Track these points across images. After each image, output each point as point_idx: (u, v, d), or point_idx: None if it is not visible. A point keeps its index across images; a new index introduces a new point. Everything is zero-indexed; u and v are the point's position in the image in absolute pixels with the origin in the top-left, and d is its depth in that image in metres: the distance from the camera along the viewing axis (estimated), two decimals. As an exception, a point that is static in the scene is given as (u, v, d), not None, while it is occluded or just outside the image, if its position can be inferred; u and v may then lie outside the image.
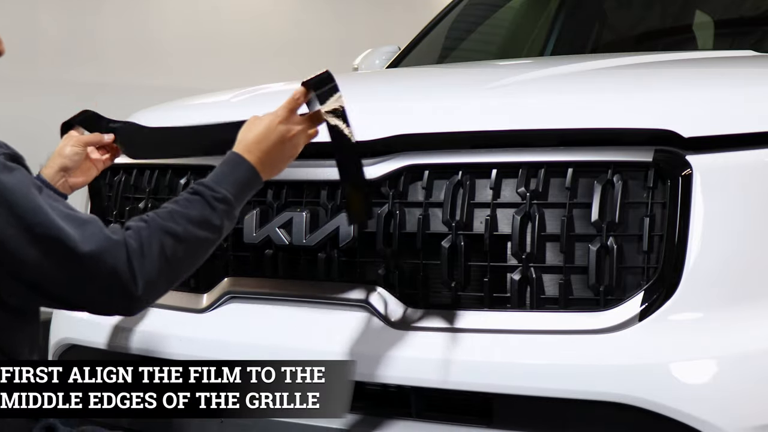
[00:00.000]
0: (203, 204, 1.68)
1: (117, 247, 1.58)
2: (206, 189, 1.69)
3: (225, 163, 1.74)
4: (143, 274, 1.60)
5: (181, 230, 1.64)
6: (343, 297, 1.94)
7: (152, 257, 1.60)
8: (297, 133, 1.80)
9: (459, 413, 1.82)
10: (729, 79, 2.05)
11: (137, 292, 1.60)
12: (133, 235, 1.60)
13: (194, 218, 1.66)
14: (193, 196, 1.68)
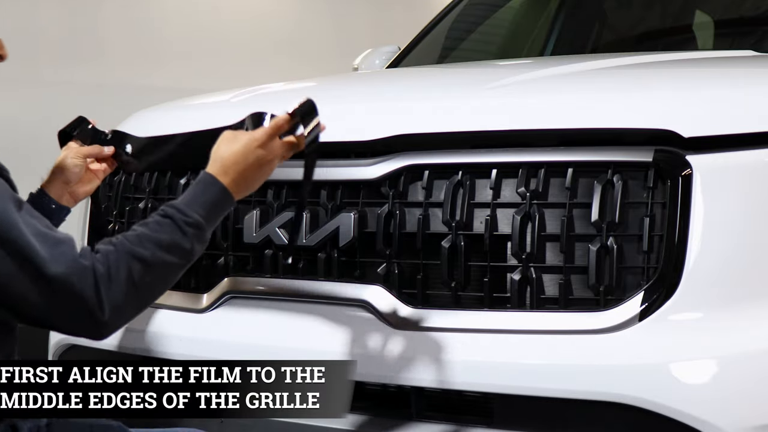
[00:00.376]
0: (173, 228, 1.64)
1: (85, 272, 1.55)
2: (177, 212, 1.65)
3: (198, 183, 1.70)
4: (110, 300, 1.57)
5: (149, 255, 1.60)
6: (343, 297, 1.94)
7: (119, 282, 1.57)
8: (274, 158, 1.73)
9: (459, 413, 1.82)
10: (729, 79, 2.05)
11: (104, 317, 1.57)
12: (101, 259, 1.57)
13: (163, 242, 1.62)
14: (164, 219, 1.64)
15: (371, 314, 1.90)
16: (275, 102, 1.85)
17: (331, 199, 2.00)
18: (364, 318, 1.90)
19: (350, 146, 1.99)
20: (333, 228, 1.95)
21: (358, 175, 1.97)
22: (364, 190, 1.97)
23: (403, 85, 2.49)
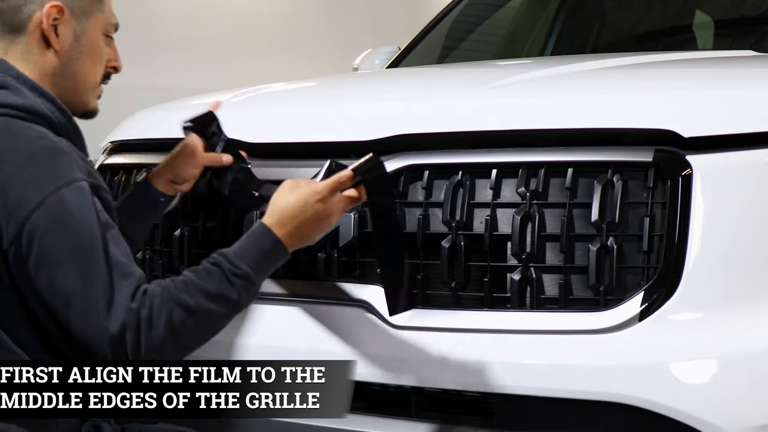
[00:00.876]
0: (221, 277, 1.63)
1: (130, 315, 1.57)
2: (227, 262, 1.64)
3: (251, 235, 1.69)
4: (148, 342, 1.58)
5: (194, 303, 1.60)
6: (343, 297, 1.94)
7: (159, 328, 1.58)
8: (335, 212, 1.73)
9: (459, 413, 1.82)
10: (729, 79, 2.05)
11: (138, 356, 1.59)
12: (147, 302, 1.58)
13: (210, 292, 1.62)
14: (213, 268, 1.64)
15: (371, 314, 1.90)
16: (276, 102, 1.84)
17: (331, 199, 2.00)
18: (364, 318, 1.90)
19: (350, 146, 1.99)
20: (333, 228, 1.95)
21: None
22: (364, 190, 1.97)
23: (403, 85, 2.49)
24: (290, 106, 2.27)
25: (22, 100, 1.64)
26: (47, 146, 1.61)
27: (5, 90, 1.65)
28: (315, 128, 2.07)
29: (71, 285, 1.57)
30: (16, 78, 1.67)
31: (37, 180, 1.58)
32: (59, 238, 1.57)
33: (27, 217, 1.56)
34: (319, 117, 2.12)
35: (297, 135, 2.07)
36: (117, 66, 1.83)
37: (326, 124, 2.07)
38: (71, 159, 1.63)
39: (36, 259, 1.57)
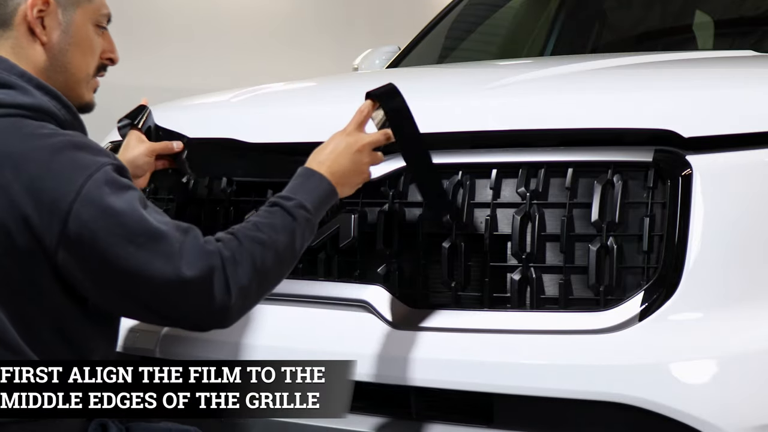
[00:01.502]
0: (283, 213, 1.68)
1: (212, 256, 1.58)
2: (283, 200, 1.70)
3: (297, 177, 1.75)
4: (236, 282, 1.59)
5: (267, 238, 1.64)
6: (343, 297, 1.94)
7: (244, 265, 1.60)
8: (364, 145, 1.79)
9: (459, 413, 1.82)
10: (729, 79, 2.05)
11: (230, 301, 1.59)
12: (224, 244, 1.60)
13: (278, 227, 1.66)
14: (273, 208, 1.69)
15: (371, 314, 1.90)
16: (276, 102, 1.84)
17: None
18: (364, 318, 1.90)
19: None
20: (333, 228, 1.95)
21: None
22: (364, 190, 1.97)
23: (403, 85, 2.49)
24: (290, 106, 2.27)
25: (30, 100, 1.63)
26: (66, 140, 1.60)
27: (12, 89, 1.63)
28: (315, 128, 2.07)
29: (134, 258, 1.55)
30: (21, 76, 1.66)
31: (67, 173, 1.56)
32: (107, 221, 1.55)
33: (68, 210, 1.54)
34: (319, 117, 2.12)
35: (297, 135, 2.07)
36: (113, 57, 1.81)
37: (326, 124, 2.07)
38: (91, 146, 1.63)
39: (91, 248, 1.55)
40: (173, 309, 1.61)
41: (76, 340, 1.66)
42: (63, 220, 1.54)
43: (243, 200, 2.14)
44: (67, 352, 1.66)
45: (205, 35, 6.51)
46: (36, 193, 1.55)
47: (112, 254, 1.55)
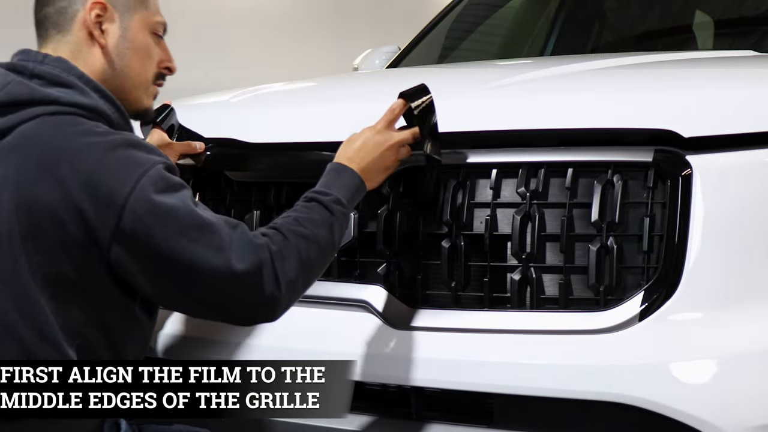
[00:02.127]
0: (321, 207, 1.73)
1: (261, 249, 1.62)
2: (320, 195, 1.74)
3: (328, 173, 1.79)
4: (285, 275, 1.63)
5: (309, 233, 1.68)
6: (343, 297, 1.94)
7: (291, 260, 1.64)
8: (394, 143, 1.84)
9: (459, 413, 1.82)
10: (729, 79, 2.05)
11: (280, 293, 1.63)
12: (271, 238, 1.65)
13: (317, 221, 1.71)
14: (310, 203, 1.73)
15: (371, 314, 1.90)
16: (276, 102, 1.84)
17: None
18: (364, 318, 1.90)
19: (350, 146, 1.99)
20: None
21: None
22: (364, 190, 1.97)
23: (403, 85, 2.49)
24: (290, 106, 2.27)
25: (87, 100, 1.67)
26: (122, 138, 1.64)
27: (70, 89, 1.67)
28: (315, 128, 2.07)
29: (189, 252, 1.59)
30: (79, 78, 1.70)
31: (123, 169, 1.60)
32: (161, 216, 1.59)
33: (123, 204, 1.58)
34: (319, 117, 2.12)
35: (297, 135, 2.07)
36: (170, 66, 1.86)
37: (326, 124, 2.07)
38: (145, 145, 1.67)
39: (145, 242, 1.59)
40: (225, 301, 1.64)
41: (115, 337, 1.69)
42: (118, 214, 1.58)
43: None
44: (104, 348, 1.68)
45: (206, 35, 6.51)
46: (92, 188, 1.58)
47: (166, 248, 1.59)
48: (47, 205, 1.58)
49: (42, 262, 1.60)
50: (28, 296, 1.59)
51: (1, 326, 1.60)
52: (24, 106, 1.64)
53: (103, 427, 1.69)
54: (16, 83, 1.66)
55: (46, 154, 1.60)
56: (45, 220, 1.58)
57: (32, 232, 1.59)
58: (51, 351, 1.62)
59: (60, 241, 1.59)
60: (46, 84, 1.67)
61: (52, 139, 1.61)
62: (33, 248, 1.59)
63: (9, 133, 1.63)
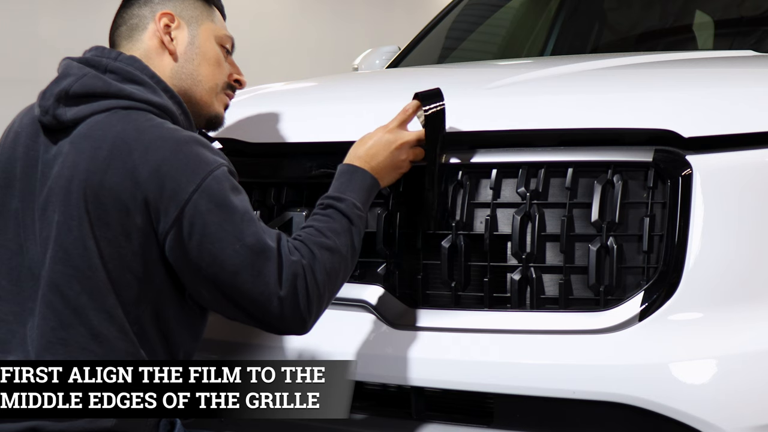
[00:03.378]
0: (340, 216, 1.76)
1: (297, 268, 1.66)
2: (336, 201, 1.77)
3: (341, 175, 1.82)
4: (315, 291, 1.68)
5: (333, 244, 1.72)
6: (343, 297, 1.94)
7: (319, 273, 1.68)
8: (404, 142, 1.86)
9: (459, 413, 1.82)
10: (729, 79, 2.05)
11: (311, 308, 1.68)
12: (301, 253, 1.69)
13: (339, 230, 1.74)
14: (328, 210, 1.77)
15: (371, 314, 1.90)
16: (276, 102, 1.85)
17: (331, 199, 2.00)
18: (364, 318, 1.90)
19: (350, 146, 1.99)
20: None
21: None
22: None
23: (403, 85, 2.49)
24: (290, 106, 2.27)
25: (158, 98, 1.74)
26: (191, 135, 1.70)
27: (143, 87, 1.74)
28: (315, 128, 2.07)
29: (240, 257, 1.64)
30: (151, 77, 1.77)
31: (191, 165, 1.65)
32: (220, 216, 1.64)
33: (188, 199, 1.63)
34: (319, 117, 2.12)
35: (297, 135, 2.07)
36: (240, 80, 1.96)
37: (326, 124, 2.07)
38: (211, 146, 1.72)
39: (200, 237, 1.64)
40: (260, 312, 1.67)
41: (169, 329, 1.72)
42: (181, 207, 1.63)
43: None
44: (158, 339, 1.72)
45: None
46: (160, 179, 1.63)
47: (219, 248, 1.64)
48: (115, 193, 1.64)
49: (109, 248, 1.65)
50: (97, 280, 1.65)
51: (71, 309, 1.65)
52: (98, 98, 1.70)
53: (159, 424, 1.72)
54: (92, 76, 1.72)
55: (118, 144, 1.65)
56: (112, 207, 1.64)
57: (100, 219, 1.64)
58: (117, 333, 1.66)
59: (125, 228, 1.64)
60: (120, 80, 1.74)
61: (124, 130, 1.67)
62: (101, 234, 1.64)
63: (81, 122, 1.69)
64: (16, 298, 1.70)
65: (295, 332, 1.72)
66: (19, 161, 1.74)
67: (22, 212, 1.71)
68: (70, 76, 1.72)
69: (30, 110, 1.78)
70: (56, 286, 1.65)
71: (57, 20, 6.26)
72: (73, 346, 1.65)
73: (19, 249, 1.71)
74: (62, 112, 1.69)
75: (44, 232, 1.68)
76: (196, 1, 1.89)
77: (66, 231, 1.65)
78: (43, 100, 1.72)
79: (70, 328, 1.65)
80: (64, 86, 1.70)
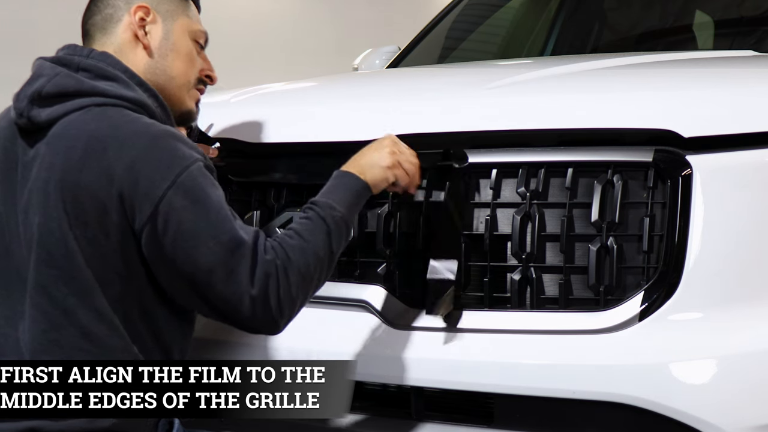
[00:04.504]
0: (317, 218, 1.74)
1: (271, 268, 1.65)
2: (316, 205, 1.76)
3: (331, 179, 1.81)
4: (287, 292, 1.66)
5: (308, 246, 1.71)
6: (343, 297, 1.94)
7: (293, 275, 1.67)
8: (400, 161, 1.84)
9: (459, 413, 1.82)
10: (729, 79, 2.05)
11: (283, 310, 1.67)
12: (277, 253, 1.67)
13: (315, 232, 1.72)
14: (307, 213, 1.76)
15: (371, 314, 1.90)
16: (275, 102, 1.84)
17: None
18: (364, 318, 1.90)
19: (350, 146, 1.99)
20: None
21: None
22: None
23: (403, 85, 2.49)
24: (290, 106, 2.27)
25: (132, 93, 1.73)
26: (166, 130, 1.69)
27: (116, 82, 1.73)
28: (315, 128, 2.07)
29: (214, 255, 1.63)
30: (124, 72, 1.75)
31: (166, 160, 1.64)
32: (195, 213, 1.63)
33: (162, 195, 1.62)
34: (319, 117, 2.12)
35: (296, 135, 2.07)
36: (211, 75, 1.94)
37: (326, 124, 2.07)
38: (186, 140, 1.71)
39: (174, 234, 1.62)
40: (232, 311, 1.66)
41: (159, 327, 1.72)
42: (155, 203, 1.62)
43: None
44: (150, 337, 1.71)
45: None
46: (134, 175, 1.62)
47: (193, 244, 1.63)
48: (92, 192, 1.63)
49: (89, 248, 1.64)
50: (82, 280, 1.64)
51: (60, 310, 1.64)
52: (71, 97, 1.69)
53: (158, 424, 1.72)
54: (64, 75, 1.71)
55: (92, 142, 1.65)
56: (90, 206, 1.63)
57: (78, 218, 1.64)
58: (108, 331, 1.65)
59: (103, 226, 1.64)
60: (93, 77, 1.72)
61: (98, 128, 1.66)
62: (80, 234, 1.64)
63: (55, 123, 1.68)
64: (6, 302, 1.70)
65: (267, 332, 1.71)
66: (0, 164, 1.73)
67: (6, 216, 1.71)
68: (43, 77, 1.71)
69: (7, 113, 1.77)
70: (43, 288, 1.65)
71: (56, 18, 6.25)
72: (66, 347, 1.65)
73: (5, 252, 1.71)
74: (36, 114, 1.68)
75: (27, 234, 1.67)
76: None
77: (47, 233, 1.65)
78: (18, 102, 1.71)
79: (61, 329, 1.65)
80: (37, 87, 1.69)
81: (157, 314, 1.71)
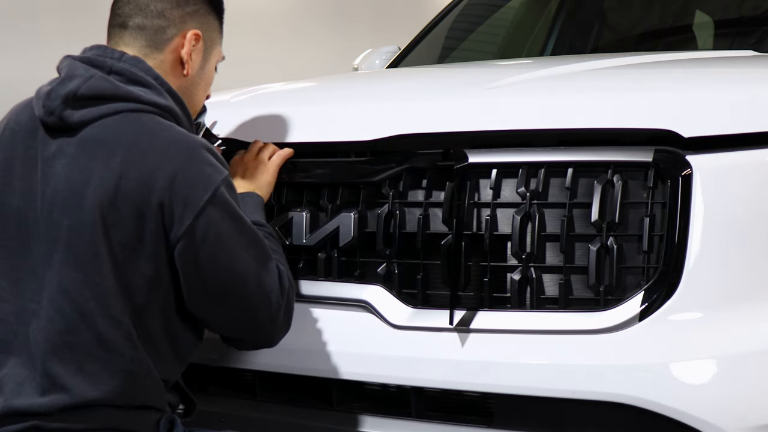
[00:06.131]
0: (271, 237, 1.88)
1: (286, 276, 1.79)
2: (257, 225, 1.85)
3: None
4: (287, 307, 1.78)
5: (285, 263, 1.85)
6: (343, 297, 1.94)
7: (293, 294, 1.81)
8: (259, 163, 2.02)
9: (459, 413, 1.82)
10: (729, 79, 2.05)
11: (287, 324, 1.79)
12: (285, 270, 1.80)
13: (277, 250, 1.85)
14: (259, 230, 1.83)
15: (371, 314, 1.90)
16: (275, 102, 1.84)
17: (332, 199, 2.00)
18: (364, 318, 1.90)
19: (350, 146, 1.99)
20: (333, 228, 1.96)
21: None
22: (365, 190, 1.97)
23: (403, 85, 2.49)
24: (290, 106, 2.27)
25: (164, 101, 1.75)
26: (200, 141, 1.74)
27: (149, 89, 1.74)
28: (315, 128, 2.07)
29: (249, 266, 1.70)
30: (156, 79, 1.77)
31: (206, 173, 1.69)
32: (232, 225, 1.69)
33: (203, 208, 1.66)
34: (319, 117, 2.12)
35: (296, 135, 2.07)
36: (209, 96, 1.97)
37: (326, 124, 2.07)
38: (217, 153, 1.75)
39: (213, 245, 1.67)
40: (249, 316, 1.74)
41: (174, 330, 1.73)
42: (195, 214, 1.65)
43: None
44: (163, 340, 1.72)
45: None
46: (175, 184, 1.65)
47: (229, 257, 1.68)
48: (130, 198, 1.65)
49: (122, 254, 1.65)
50: (106, 287, 1.65)
51: (78, 313, 1.64)
52: (106, 101, 1.70)
53: (159, 423, 1.72)
54: (98, 78, 1.71)
55: (132, 149, 1.66)
56: (128, 213, 1.65)
57: (115, 225, 1.65)
58: (123, 339, 1.66)
59: (139, 232, 1.65)
60: (125, 81, 1.73)
61: (136, 134, 1.67)
62: (114, 240, 1.65)
63: (87, 125, 1.69)
64: (17, 299, 1.69)
65: (273, 343, 1.80)
66: (18, 159, 1.72)
67: (24, 211, 1.70)
68: (77, 77, 1.70)
69: (26, 107, 1.76)
70: (65, 290, 1.65)
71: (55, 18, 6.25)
72: (78, 352, 1.64)
73: (20, 248, 1.70)
74: (69, 114, 1.68)
75: (51, 233, 1.67)
76: (214, 21, 1.89)
77: (77, 236, 1.65)
78: (49, 100, 1.69)
79: (77, 332, 1.64)
80: (72, 88, 1.69)
81: (176, 318, 1.72)
